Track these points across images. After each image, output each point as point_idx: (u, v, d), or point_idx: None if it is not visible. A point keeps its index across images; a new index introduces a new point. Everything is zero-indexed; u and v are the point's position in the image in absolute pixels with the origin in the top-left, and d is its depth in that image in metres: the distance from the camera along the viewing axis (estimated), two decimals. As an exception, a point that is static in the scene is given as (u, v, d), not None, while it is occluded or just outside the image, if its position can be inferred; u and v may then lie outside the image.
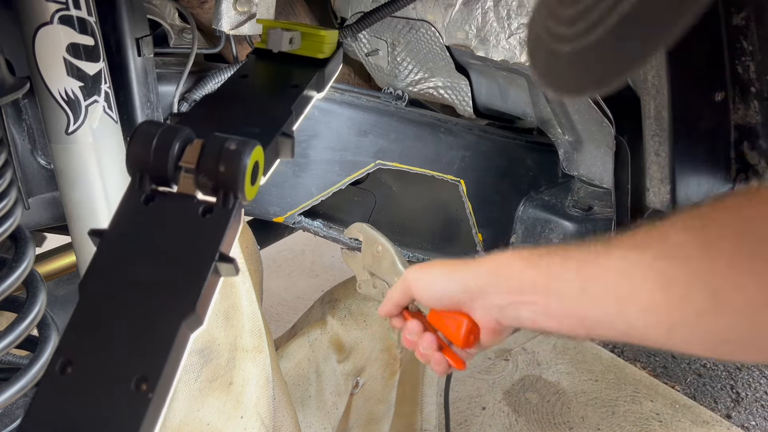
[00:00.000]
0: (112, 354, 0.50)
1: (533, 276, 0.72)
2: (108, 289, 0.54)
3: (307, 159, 1.22)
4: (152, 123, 0.57)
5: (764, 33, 0.92)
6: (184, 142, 0.55)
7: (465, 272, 0.80)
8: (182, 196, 0.56)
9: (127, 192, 0.57)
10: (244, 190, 0.55)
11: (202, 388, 1.09)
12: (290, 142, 0.66)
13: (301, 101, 0.73)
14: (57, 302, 1.28)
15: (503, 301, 0.75)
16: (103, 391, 0.49)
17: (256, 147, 0.55)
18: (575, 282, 0.68)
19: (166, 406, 0.51)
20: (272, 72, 0.79)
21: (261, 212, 1.26)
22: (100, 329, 0.52)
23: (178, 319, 0.51)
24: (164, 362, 0.49)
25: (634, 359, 2.30)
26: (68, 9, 0.81)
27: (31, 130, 0.98)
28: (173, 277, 0.53)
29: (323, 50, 0.80)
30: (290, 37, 0.77)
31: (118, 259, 0.55)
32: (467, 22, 1.13)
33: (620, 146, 1.02)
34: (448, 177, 1.29)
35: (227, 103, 0.71)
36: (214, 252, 0.53)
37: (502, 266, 0.76)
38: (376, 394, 1.54)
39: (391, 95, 1.32)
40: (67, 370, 0.50)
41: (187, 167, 0.55)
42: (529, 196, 1.31)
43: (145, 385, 0.48)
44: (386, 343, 1.51)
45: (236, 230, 0.56)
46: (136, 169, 0.56)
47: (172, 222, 0.55)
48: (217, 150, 0.54)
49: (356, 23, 1.16)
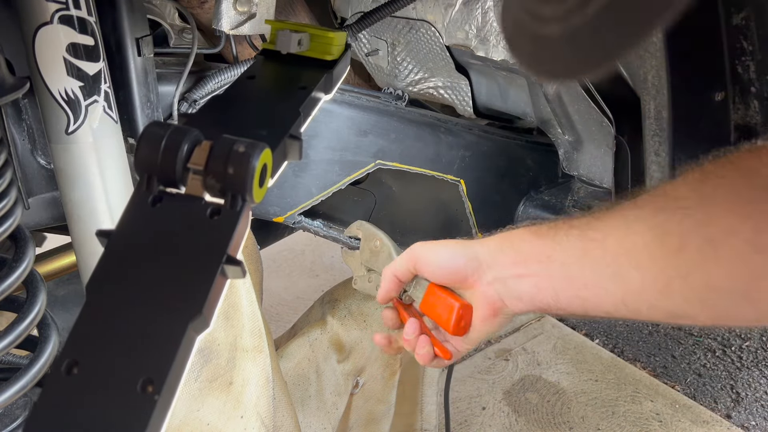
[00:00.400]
0: (118, 355, 0.50)
1: (539, 246, 0.71)
2: (115, 290, 0.53)
3: (307, 159, 1.22)
4: (160, 124, 0.56)
5: (764, 33, 0.92)
6: (192, 143, 0.55)
7: (473, 245, 0.79)
8: (190, 198, 0.56)
9: (134, 193, 0.57)
10: (252, 193, 0.54)
11: (202, 388, 1.09)
12: (298, 144, 0.66)
13: (309, 103, 0.73)
14: (57, 302, 1.28)
15: (507, 273, 0.74)
16: (109, 392, 0.49)
17: (264, 149, 0.55)
18: (577, 247, 0.67)
19: (171, 408, 0.51)
20: (280, 73, 0.78)
21: (261, 212, 1.26)
22: (106, 330, 0.52)
23: (184, 321, 0.51)
24: (170, 364, 0.49)
25: (634, 359, 2.30)
26: (68, 9, 0.81)
27: (31, 130, 0.98)
28: (180, 278, 0.53)
29: (331, 52, 0.80)
30: (299, 39, 0.77)
31: (125, 260, 0.55)
32: (467, 22, 1.13)
33: (620, 146, 1.02)
34: (448, 177, 1.29)
35: (235, 105, 0.71)
36: (221, 254, 0.53)
37: (510, 238, 0.75)
38: (376, 394, 1.54)
39: (391, 95, 1.33)
40: (73, 370, 0.49)
41: (195, 169, 0.55)
42: (529, 196, 1.31)
43: (151, 387, 0.48)
44: (386, 343, 1.51)
45: (244, 232, 0.56)
46: (144, 171, 0.56)
47: (180, 223, 0.55)
48: (226, 152, 0.54)
49: (356, 23, 1.16)
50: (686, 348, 2.36)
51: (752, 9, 0.91)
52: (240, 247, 0.56)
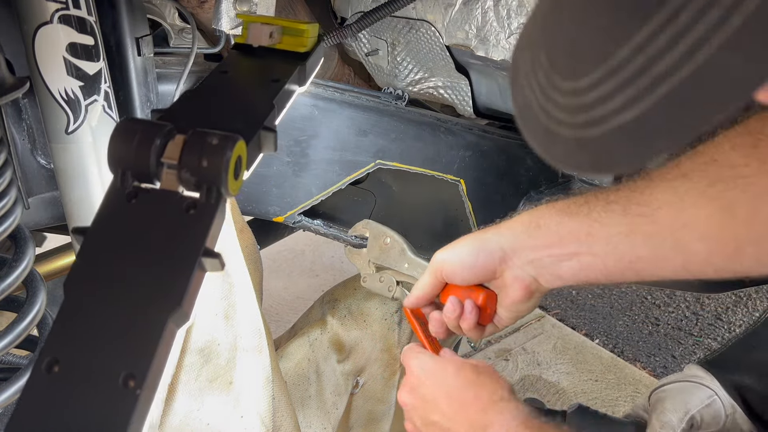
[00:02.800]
0: (99, 351, 0.50)
1: (573, 225, 0.70)
2: (93, 287, 0.54)
3: (307, 159, 1.22)
4: (133, 120, 0.56)
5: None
6: (165, 138, 0.55)
7: (496, 235, 0.78)
8: (165, 193, 0.56)
9: (109, 189, 0.56)
10: (228, 185, 0.54)
11: (202, 388, 1.09)
12: (273, 136, 0.66)
13: (282, 95, 0.73)
14: (57, 302, 1.28)
15: (541, 254, 0.73)
16: (91, 388, 0.49)
17: (238, 141, 0.55)
18: (622, 224, 0.66)
19: (154, 402, 0.51)
20: (253, 67, 0.78)
21: (261, 212, 1.26)
22: (86, 327, 0.52)
23: (164, 314, 0.51)
24: (151, 358, 0.49)
25: (634, 359, 2.30)
26: (68, 8, 0.81)
27: (31, 130, 0.98)
28: (158, 273, 0.53)
29: (304, 44, 0.79)
30: (270, 32, 0.77)
31: (102, 257, 0.54)
32: (467, 21, 1.13)
33: (620, 146, 1.02)
34: (448, 177, 1.29)
35: (208, 99, 0.70)
36: (199, 247, 0.53)
37: (536, 220, 0.74)
38: (376, 394, 1.54)
39: (391, 95, 1.32)
40: (53, 368, 0.50)
41: (169, 163, 0.55)
42: (529, 196, 1.31)
43: (133, 381, 0.48)
44: (386, 343, 1.51)
45: (220, 225, 0.56)
46: (118, 166, 0.56)
47: (156, 218, 0.55)
48: (200, 145, 0.54)
49: (356, 23, 1.16)
50: (686, 348, 2.36)
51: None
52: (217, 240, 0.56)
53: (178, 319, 0.52)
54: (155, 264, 0.53)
